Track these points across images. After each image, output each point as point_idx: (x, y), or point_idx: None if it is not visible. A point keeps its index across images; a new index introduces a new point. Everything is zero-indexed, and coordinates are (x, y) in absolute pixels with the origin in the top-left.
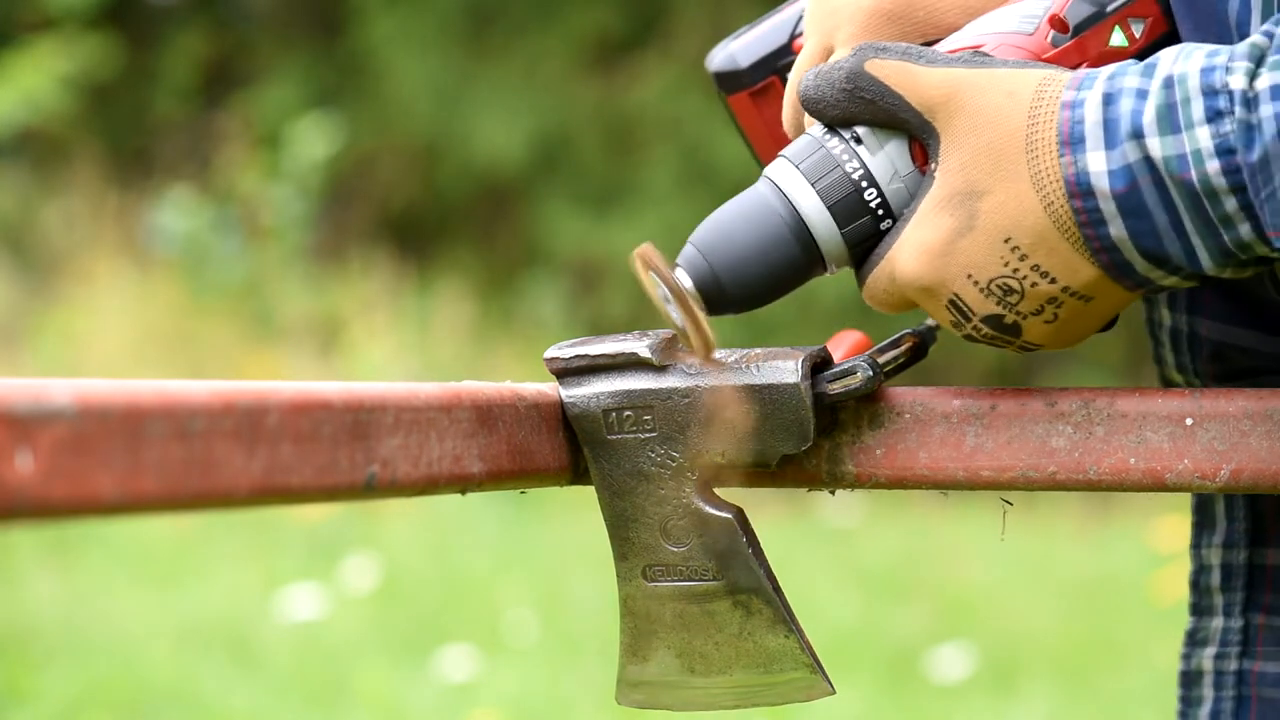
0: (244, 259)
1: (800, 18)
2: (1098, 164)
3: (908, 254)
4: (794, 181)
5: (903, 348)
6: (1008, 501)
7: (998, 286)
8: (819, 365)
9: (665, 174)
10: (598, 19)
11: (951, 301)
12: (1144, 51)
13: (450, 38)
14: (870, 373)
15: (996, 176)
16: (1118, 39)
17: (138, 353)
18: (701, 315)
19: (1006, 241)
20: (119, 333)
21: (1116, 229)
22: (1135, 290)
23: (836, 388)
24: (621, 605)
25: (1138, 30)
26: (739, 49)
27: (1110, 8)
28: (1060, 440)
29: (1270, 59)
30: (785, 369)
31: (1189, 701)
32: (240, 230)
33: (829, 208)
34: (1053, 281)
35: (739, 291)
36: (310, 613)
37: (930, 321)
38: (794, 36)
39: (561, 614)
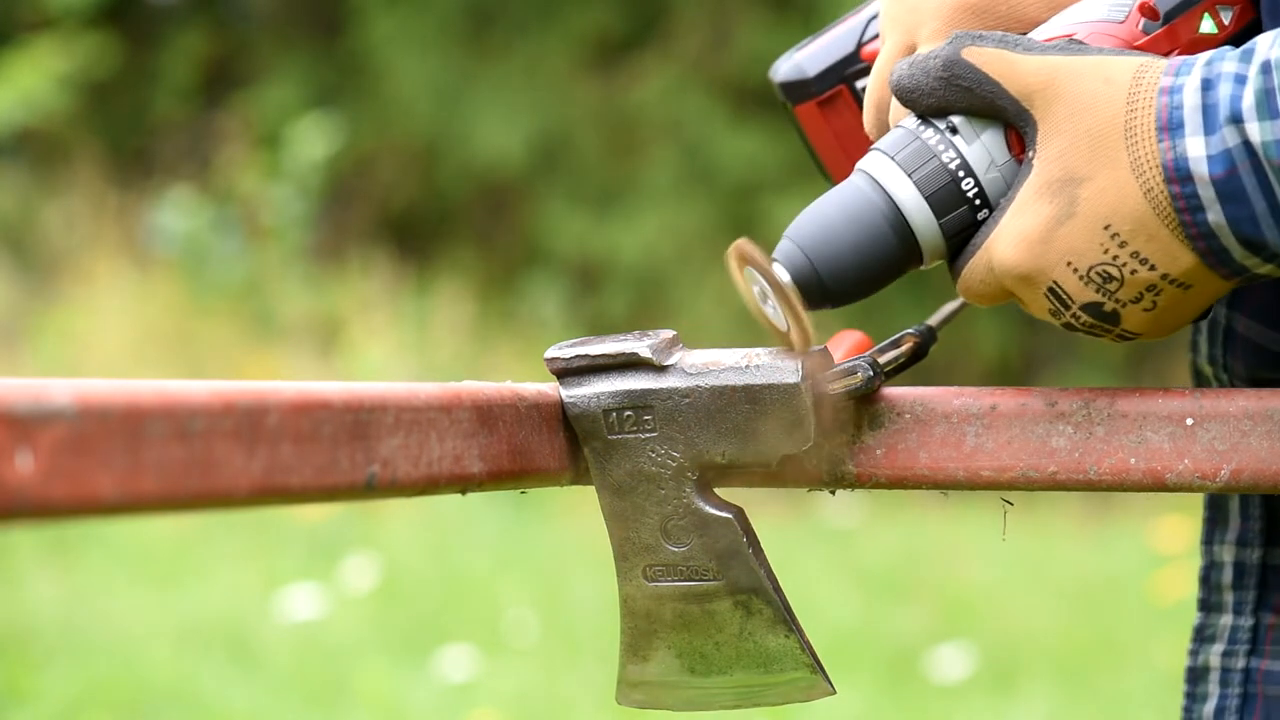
0: (244, 259)
1: (866, 25)
2: (1196, 149)
3: (1006, 242)
4: (890, 173)
5: (903, 348)
6: (1008, 501)
7: (1097, 274)
8: (819, 365)
9: (665, 174)
10: (598, 19)
11: (1050, 289)
12: (1233, 38)
13: (450, 38)
14: (870, 373)
15: (1096, 163)
16: (1207, 26)
17: (138, 353)
18: (802, 310)
19: (1106, 228)
20: (119, 333)
21: (1215, 215)
22: (1232, 278)
23: (836, 388)
24: (622, 605)
25: (1226, 17)
26: (805, 58)
27: None
28: (1060, 440)
29: None
30: (786, 369)
31: (1194, 697)
32: (240, 230)
33: (926, 198)
34: (1152, 269)
35: (837, 285)
36: (310, 613)
37: (931, 321)
38: (861, 44)
39: (561, 614)
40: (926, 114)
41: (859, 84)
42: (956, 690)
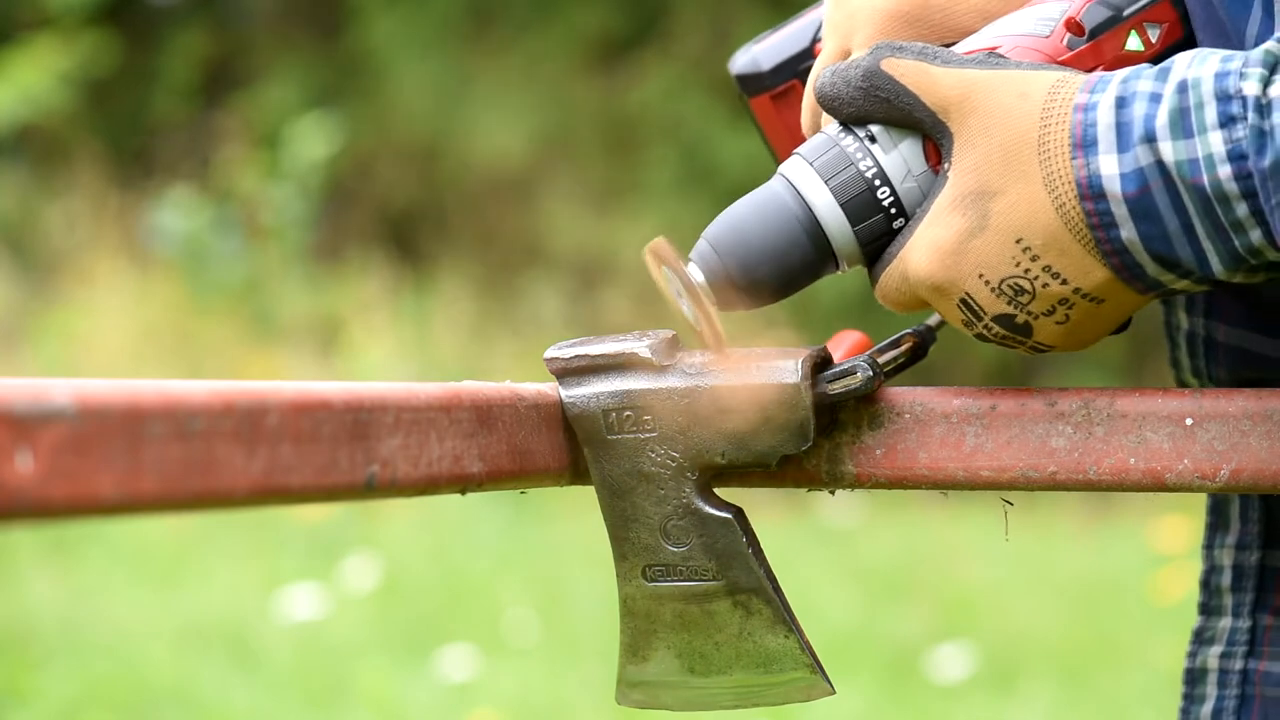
0: (244, 259)
1: (821, 23)
2: (1110, 167)
3: (920, 253)
4: (808, 178)
5: (903, 348)
6: (1008, 501)
7: (1009, 286)
8: (819, 365)
9: (665, 174)
10: (598, 19)
11: (963, 300)
12: (1160, 56)
13: (450, 37)
14: (870, 373)
15: (1009, 177)
16: (1134, 43)
17: (138, 353)
18: (713, 311)
19: (1018, 242)
20: (119, 333)
21: (1128, 232)
22: (1147, 293)
23: (836, 388)
24: (621, 605)
25: (1154, 35)
26: (761, 52)
27: (1127, 12)
28: (1060, 440)
29: None
30: (785, 369)
31: (1192, 699)
32: (240, 230)
33: (842, 205)
34: (1064, 282)
35: (750, 287)
36: (310, 613)
37: (931, 321)
38: (815, 40)
39: (561, 614)
40: (847, 122)
41: None
42: (956, 690)
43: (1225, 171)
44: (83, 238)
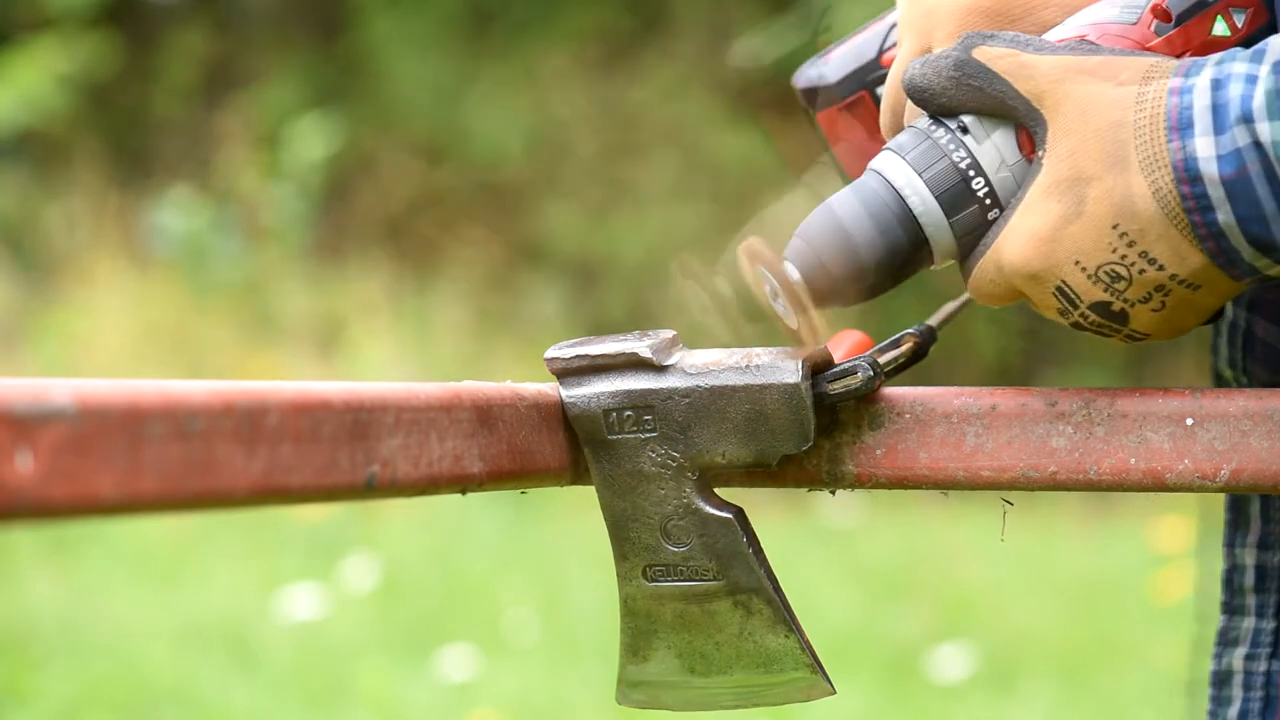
0: (244, 259)
1: (888, 32)
2: (1206, 149)
3: (1015, 241)
4: (901, 172)
5: (903, 348)
6: (1008, 501)
7: (1105, 273)
8: (819, 365)
9: (665, 174)
10: (598, 19)
11: (1059, 288)
12: (1246, 41)
13: (450, 37)
14: (870, 373)
15: (1105, 163)
16: (1220, 28)
17: (138, 353)
18: (812, 308)
19: (1115, 228)
20: (119, 333)
21: (1224, 214)
22: (1242, 279)
23: (836, 388)
24: (622, 605)
25: (1239, 20)
26: (828, 65)
27: None
28: (1060, 440)
29: None
30: (786, 369)
31: (1219, 701)
32: (240, 230)
33: (936, 197)
34: (1161, 268)
35: (848, 283)
36: (310, 613)
37: (931, 322)
38: (882, 51)
39: (561, 614)
40: (938, 114)
41: (879, 90)
42: (956, 690)
43: None
44: (83, 238)
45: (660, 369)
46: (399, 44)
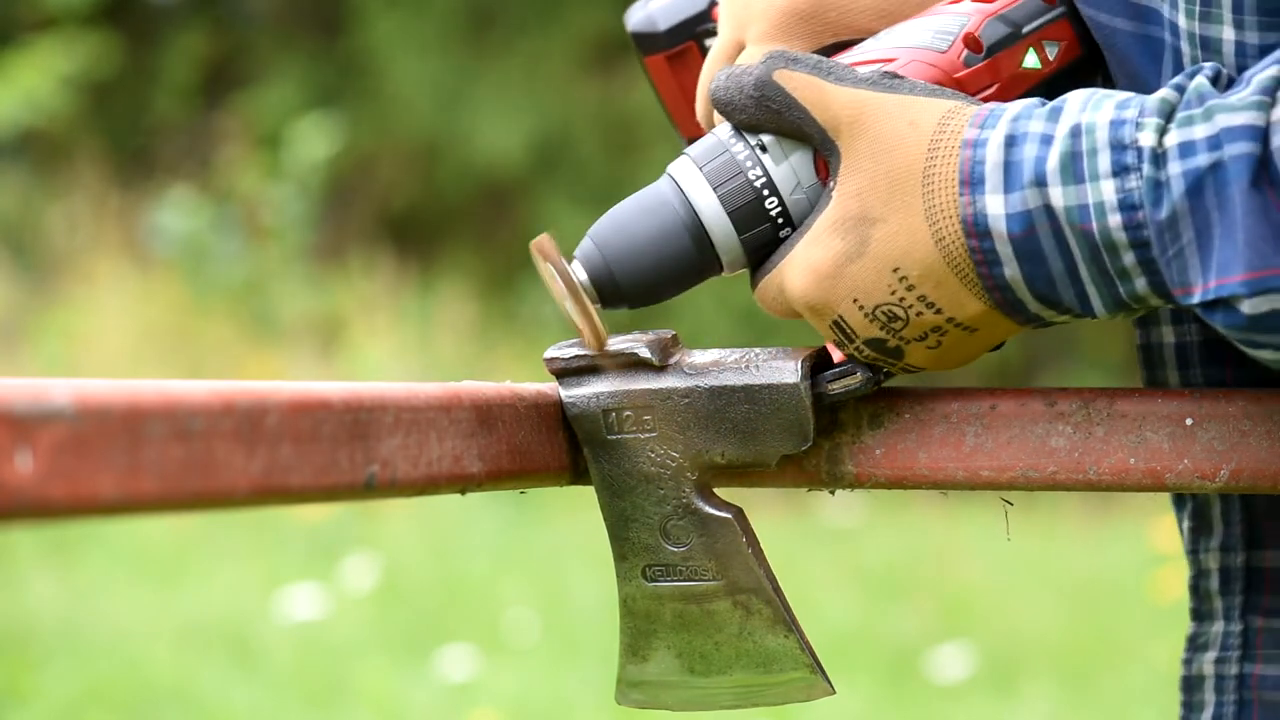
0: (244, 259)
1: None
2: (996, 207)
3: (797, 271)
4: (696, 184)
5: None
6: (1008, 501)
7: (883, 313)
8: (819, 365)
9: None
10: (598, 19)
11: (836, 322)
12: (1058, 74)
13: (450, 38)
14: (870, 373)
15: (891, 206)
16: (1031, 61)
17: (138, 353)
18: (593, 308)
19: (895, 271)
20: (119, 333)
21: (1011, 270)
22: (1024, 325)
23: (836, 388)
24: (621, 605)
25: (1052, 53)
26: (658, 11)
27: (1026, 29)
28: (1060, 440)
29: (1180, 115)
30: (785, 369)
31: (1191, 707)
32: (240, 230)
33: (729, 214)
34: (938, 312)
35: (632, 287)
36: (310, 613)
37: None
38: (713, 3)
39: (561, 614)
40: (739, 128)
41: (707, 42)
42: (956, 690)
43: (1115, 220)
44: (83, 238)
45: (660, 369)
46: (399, 44)
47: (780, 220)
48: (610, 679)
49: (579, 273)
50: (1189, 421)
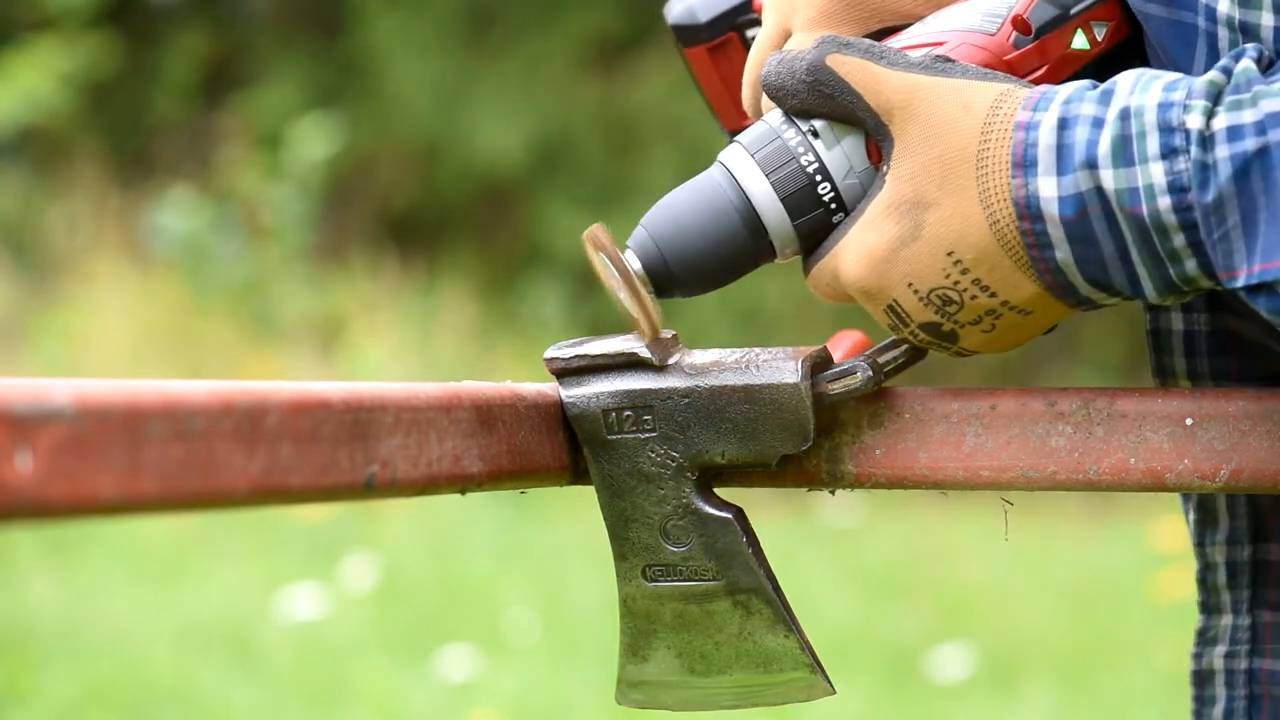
0: (244, 259)
1: None
2: (1049, 189)
3: (851, 256)
4: (749, 170)
5: (903, 348)
6: (1008, 501)
7: (937, 296)
8: (819, 365)
9: (665, 174)
10: (598, 19)
11: (890, 306)
12: (1106, 55)
13: (450, 38)
14: (870, 373)
15: (945, 189)
16: (1080, 41)
17: (138, 353)
18: (648, 297)
19: (949, 254)
20: (119, 333)
21: (1063, 253)
22: (1076, 308)
23: (836, 388)
24: (621, 605)
25: (1100, 34)
26: (698, 3)
27: (1074, 10)
28: (1060, 440)
29: (1227, 99)
30: (785, 369)
31: (1203, 701)
32: (240, 230)
33: (782, 200)
34: (992, 296)
35: (686, 276)
36: (310, 613)
37: None
38: None
39: (561, 614)
40: (791, 114)
41: (749, 33)
42: (956, 690)
43: (1165, 203)
44: (83, 238)
45: (660, 369)
46: (399, 44)
47: (833, 205)
48: (610, 679)
49: (633, 262)
50: (1189, 421)
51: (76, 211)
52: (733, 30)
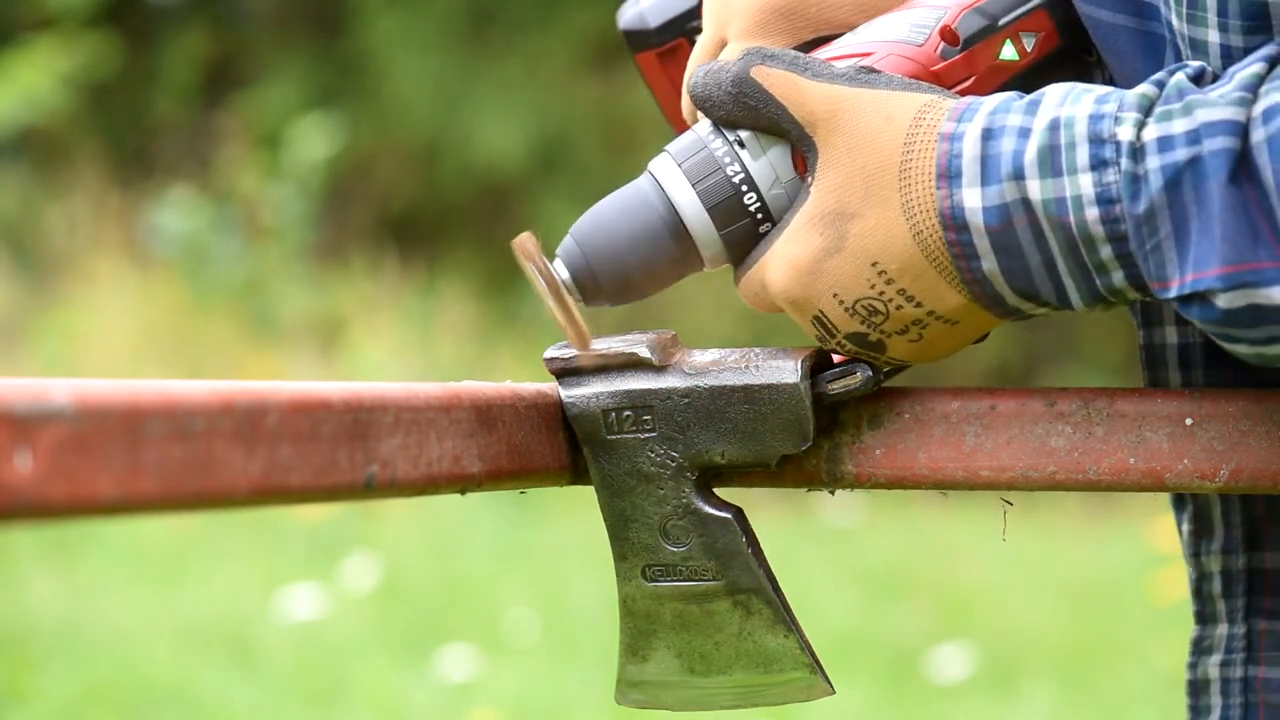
0: (244, 259)
1: None
2: (973, 200)
3: (777, 267)
4: (675, 180)
5: None
6: (1008, 501)
7: (863, 307)
8: (819, 365)
9: None
10: (598, 19)
11: (816, 317)
12: (1034, 65)
13: (450, 37)
14: (870, 373)
15: (868, 201)
16: (1008, 52)
17: (138, 353)
18: (575, 306)
19: (874, 265)
20: (119, 333)
21: (989, 264)
22: (1004, 318)
23: (836, 388)
24: (621, 605)
25: (1029, 44)
26: (649, 8)
27: (1003, 21)
28: (1060, 440)
29: (1158, 110)
30: (785, 369)
31: (1197, 710)
32: (240, 230)
33: (708, 209)
34: (918, 305)
35: (613, 284)
36: (310, 613)
37: None
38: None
39: (561, 614)
40: (718, 124)
41: (698, 38)
42: (956, 690)
43: (1092, 214)
44: (83, 238)
45: (659, 369)
46: (399, 44)
47: (759, 215)
48: (610, 679)
49: (560, 271)
50: (1189, 421)
51: (76, 211)
52: (682, 35)
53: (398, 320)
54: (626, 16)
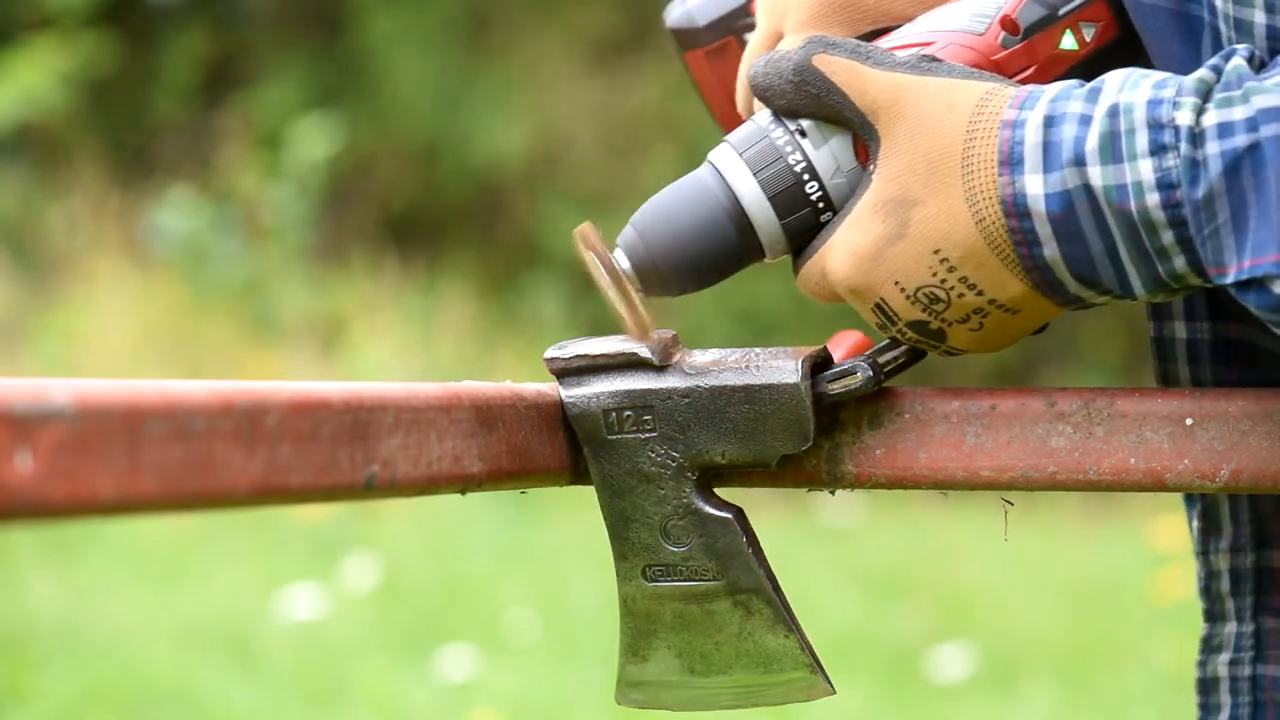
0: (244, 259)
1: None
2: (1035, 187)
3: (839, 254)
4: (736, 170)
5: (903, 348)
6: (1008, 501)
7: (924, 295)
8: (819, 365)
9: (664, 174)
10: (598, 19)
11: (878, 305)
12: (1094, 55)
13: (450, 37)
14: (870, 373)
15: (930, 188)
16: (1068, 42)
17: (138, 353)
18: (636, 296)
19: (936, 253)
20: (119, 333)
21: (1050, 251)
22: (1064, 306)
23: (836, 388)
24: (621, 605)
25: (1089, 34)
26: (696, 7)
27: (1063, 10)
28: (1060, 440)
29: (1217, 95)
30: (785, 369)
31: (1208, 708)
32: (240, 230)
33: (770, 198)
34: (980, 294)
35: (675, 275)
36: (310, 613)
37: None
38: None
39: (561, 614)
40: (779, 113)
41: (746, 36)
42: (956, 690)
43: (1153, 199)
44: (83, 238)
45: (660, 369)
46: (399, 44)
47: (821, 205)
48: (610, 679)
49: (622, 261)
50: (1189, 421)
51: (76, 211)
52: (730, 34)
53: (398, 320)
54: (674, 15)
